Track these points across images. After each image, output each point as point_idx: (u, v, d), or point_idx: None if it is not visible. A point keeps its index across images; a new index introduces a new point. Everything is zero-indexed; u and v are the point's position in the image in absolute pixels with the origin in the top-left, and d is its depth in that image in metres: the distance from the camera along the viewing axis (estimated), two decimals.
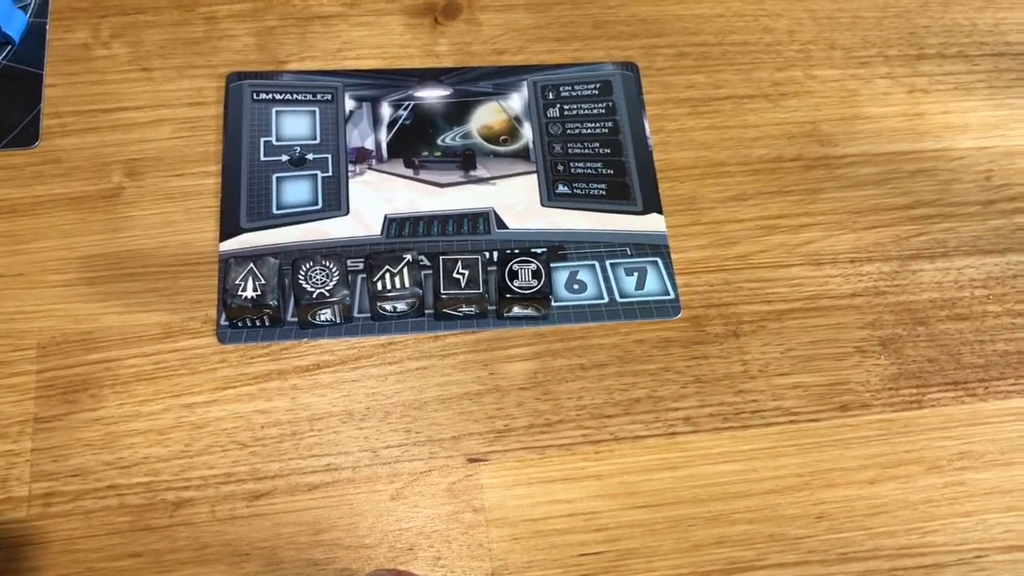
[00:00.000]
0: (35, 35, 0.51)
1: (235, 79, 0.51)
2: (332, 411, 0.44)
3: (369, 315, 0.45)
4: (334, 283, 0.43)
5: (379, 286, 0.43)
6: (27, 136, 0.48)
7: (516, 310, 0.45)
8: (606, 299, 0.47)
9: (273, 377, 0.44)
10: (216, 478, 0.42)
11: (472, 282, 0.44)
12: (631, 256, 0.48)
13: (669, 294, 0.47)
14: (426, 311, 0.45)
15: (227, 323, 0.44)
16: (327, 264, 0.44)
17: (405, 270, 0.44)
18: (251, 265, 0.43)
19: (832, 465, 0.44)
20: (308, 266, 0.43)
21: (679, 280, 0.47)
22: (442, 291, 0.44)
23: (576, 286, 0.47)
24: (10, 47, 0.50)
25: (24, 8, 0.51)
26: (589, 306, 0.46)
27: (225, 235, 0.47)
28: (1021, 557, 0.43)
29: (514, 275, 0.45)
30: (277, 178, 0.48)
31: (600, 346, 0.46)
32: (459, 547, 0.41)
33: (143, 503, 0.41)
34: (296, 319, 0.45)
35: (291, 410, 0.43)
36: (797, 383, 0.46)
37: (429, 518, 0.42)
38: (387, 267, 0.44)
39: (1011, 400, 0.46)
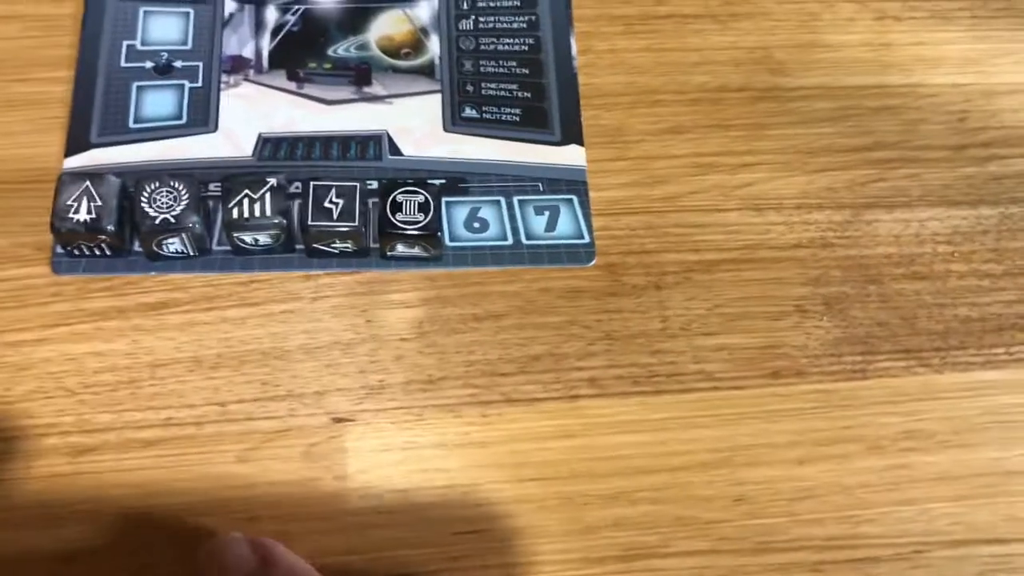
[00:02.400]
0: None
1: None
2: (178, 357, 0.38)
3: (229, 248, 0.39)
4: (182, 208, 0.37)
5: (235, 213, 0.37)
6: None
7: (400, 249, 0.39)
8: (510, 240, 0.40)
9: (112, 315, 0.38)
10: (36, 429, 0.36)
11: (347, 213, 0.38)
12: (543, 193, 0.41)
13: (583, 238, 0.41)
14: (297, 247, 0.39)
15: (64, 251, 0.38)
16: (175, 186, 0.37)
17: (268, 196, 0.37)
18: (87, 183, 0.37)
19: (756, 440, 0.38)
20: (153, 187, 0.37)
21: (596, 222, 0.41)
22: (310, 222, 0.38)
23: (476, 224, 0.41)
24: None
25: None
26: (490, 248, 0.40)
27: (71, 150, 0.40)
28: (966, 553, 0.37)
29: (398, 207, 0.38)
30: (137, 87, 0.42)
31: (499, 294, 0.40)
32: (312, 519, 0.35)
33: None
34: (141, 249, 0.38)
35: (131, 354, 0.37)
36: (723, 344, 0.40)
37: (280, 485, 0.36)
38: (247, 192, 0.37)
39: (970, 373, 0.40)
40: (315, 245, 0.38)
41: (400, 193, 0.38)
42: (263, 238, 0.38)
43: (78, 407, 0.36)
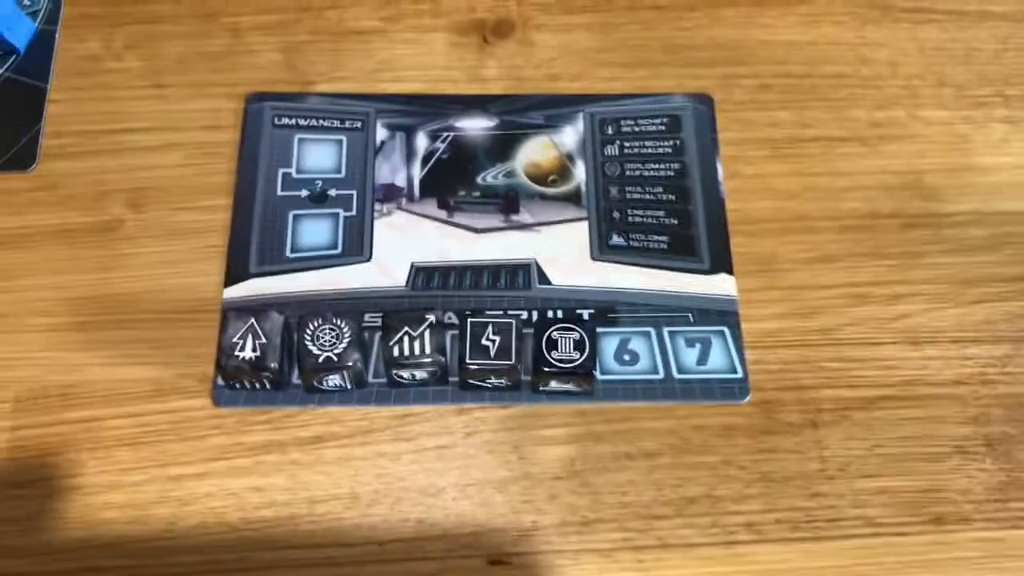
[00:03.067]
0: (43, 44, 0.46)
1: (255, 100, 0.45)
2: (336, 493, 0.38)
3: (385, 380, 0.39)
4: (344, 346, 0.37)
5: (396, 351, 0.37)
6: (24, 158, 0.43)
7: (554, 384, 0.39)
8: (661, 374, 0.40)
9: (272, 449, 0.39)
10: (200, 566, 0.36)
11: (503, 351, 0.38)
12: (693, 324, 0.41)
13: (736, 372, 0.40)
14: (450, 379, 0.39)
15: (224, 383, 0.39)
16: (338, 323, 0.38)
17: (427, 334, 0.38)
18: (252, 320, 0.38)
19: None
20: (316, 324, 0.38)
21: (749, 355, 0.40)
22: (468, 360, 0.38)
23: (627, 357, 0.40)
24: (14, 57, 0.46)
25: (33, 15, 0.46)
26: (641, 382, 0.40)
27: (231, 280, 0.41)
28: None
29: (553, 345, 0.38)
30: (294, 216, 0.43)
31: (651, 431, 0.39)
32: None
33: None
34: (301, 382, 0.39)
35: (289, 489, 0.38)
36: (884, 487, 0.38)
37: None
38: (406, 329, 0.38)
39: None
40: (470, 380, 0.39)
41: (555, 330, 0.38)
42: (421, 374, 0.38)
43: (239, 544, 0.37)
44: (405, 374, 0.38)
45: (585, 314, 0.40)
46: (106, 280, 0.41)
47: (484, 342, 0.38)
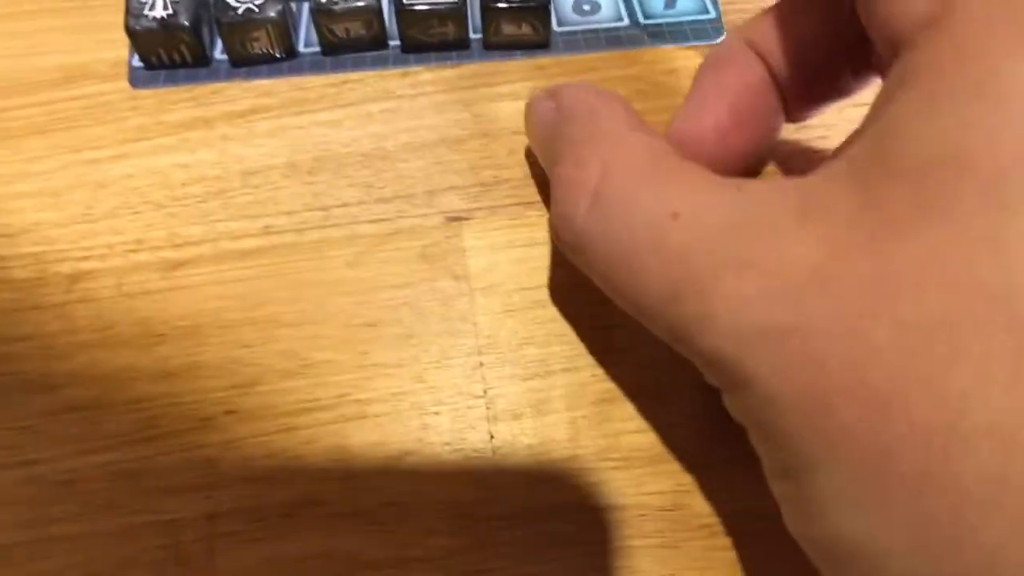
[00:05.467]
0: None
1: None
2: (272, 164, 0.34)
3: (318, 49, 0.35)
4: None
5: None
6: None
7: (506, 30, 0.35)
8: (626, 21, 0.36)
9: (198, 125, 0.35)
10: (124, 245, 0.33)
11: None
12: None
13: (709, 12, 0.36)
14: (391, 43, 0.35)
15: (141, 63, 0.35)
16: None
17: None
18: None
19: None
20: None
21: None
22: (405, 1, 0.33)
23: (587, 7, 0.36)
24: None
25: None
26: (604, 31, 0.36)
27: None
28: None
29: None
30: None
31: (618, 79, 0.35)
32: (435, 322, 0.31)
33: (32, 276, 0.32)
34: (226, 55, 0.35)
35: (219, 163, 0.34)
36: None
37: (396, 288, 0.32)
38: None
39: None
40: (411, 33, 0.34)
41: None
42: (355, 26, 0.34)
43: (167, 220, 0.33)
44: (338, 29, 0.34)
45: None
46: None
47: None
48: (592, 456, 0.30)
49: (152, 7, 0.33)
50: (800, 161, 0.34)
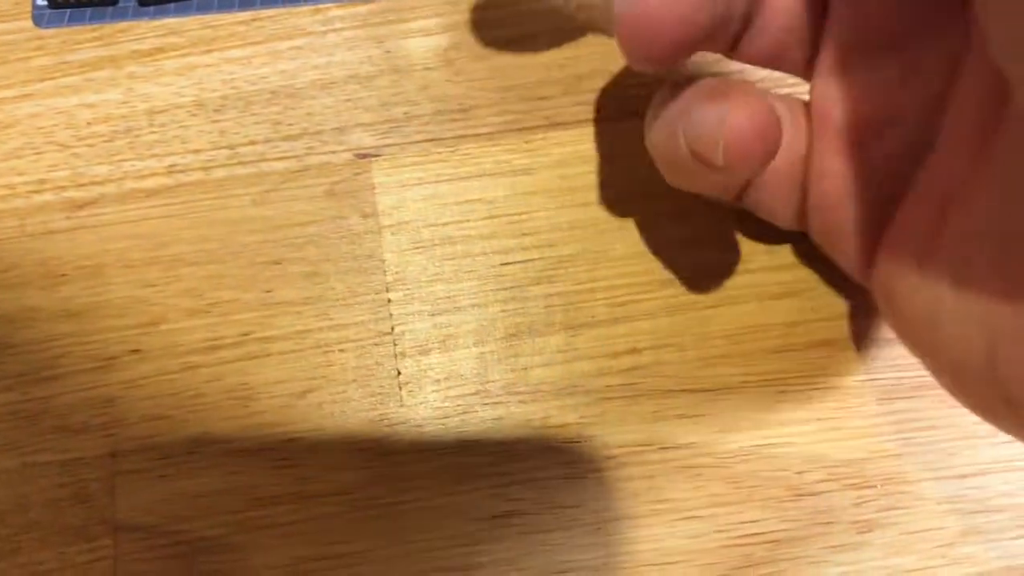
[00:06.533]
0: None
1: None
2: (179, 102, 0.33)
3: None
4: None
5: None
6: None
7: None
8: None
9: (104, 64, 0.34)
10: (26, 185, 0.32)
11: None
12: None
13: None
14: None
15: (45, 2, 0.34)
16: None
17: None
18: None
19: None
20: None
21: None
22: None
23: None
24: None
25: None
26: None
27: None
28: None
29: None
30: None
31: (533, 11, 0.35)
32: (342, 259, 0.31)
33: None
34: None
35: (126, 102, 0.33)
36: None
37: (302, 226, 0.32)
38: None
39: None
40: None
41: None
42: None
43: (72, 160, 0.32)
44: None
45: None
46: None
47: None
48: (500, 390, 0.30)
49: None
50: None
